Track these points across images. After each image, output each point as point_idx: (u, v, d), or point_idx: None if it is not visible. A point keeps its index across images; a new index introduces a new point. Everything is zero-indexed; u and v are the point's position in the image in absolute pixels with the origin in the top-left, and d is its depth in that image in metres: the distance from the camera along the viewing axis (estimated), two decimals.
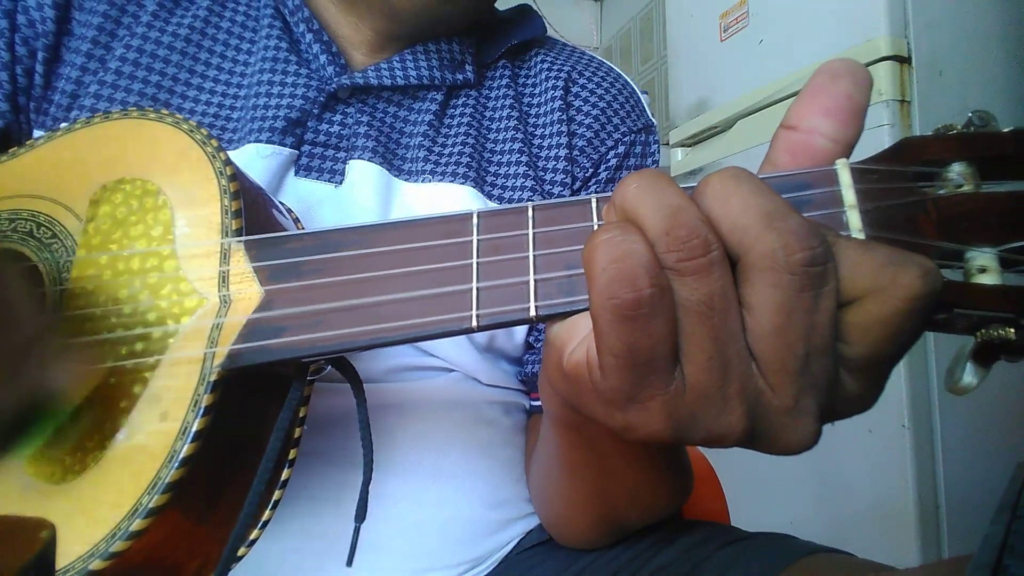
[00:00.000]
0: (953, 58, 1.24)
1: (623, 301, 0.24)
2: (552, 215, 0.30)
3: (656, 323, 0.24)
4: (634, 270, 0.24)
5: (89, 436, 0.32)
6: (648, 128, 0.65)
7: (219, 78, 0.55)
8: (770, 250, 0.23)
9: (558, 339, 0.29)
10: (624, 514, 0.49)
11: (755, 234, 0.24)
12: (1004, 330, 0.24)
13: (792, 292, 0.23)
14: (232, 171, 0.35)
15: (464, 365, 0.56)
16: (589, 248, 0.25)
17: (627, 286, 0.24)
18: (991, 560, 0.25)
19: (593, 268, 0.25)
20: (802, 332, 0.24)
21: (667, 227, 0.24)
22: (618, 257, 0.24)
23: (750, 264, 0.24)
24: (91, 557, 0.30)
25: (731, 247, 0.25)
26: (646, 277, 0.24)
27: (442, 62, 0.58)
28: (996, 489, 1.05)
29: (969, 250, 0.25)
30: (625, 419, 0.27)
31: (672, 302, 0.25)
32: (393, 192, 0.55)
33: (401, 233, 0.31)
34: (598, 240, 0.25)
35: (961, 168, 0.25)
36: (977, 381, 0.25)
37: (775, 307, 0.24)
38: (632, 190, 0.26)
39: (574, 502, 0.50)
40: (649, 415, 0.26)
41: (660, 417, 0.26)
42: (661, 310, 0.24)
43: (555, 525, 0.54)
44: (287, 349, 0.31)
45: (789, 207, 0.24)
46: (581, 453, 0.44)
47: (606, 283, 0.24)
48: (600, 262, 0.24)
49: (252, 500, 0.32)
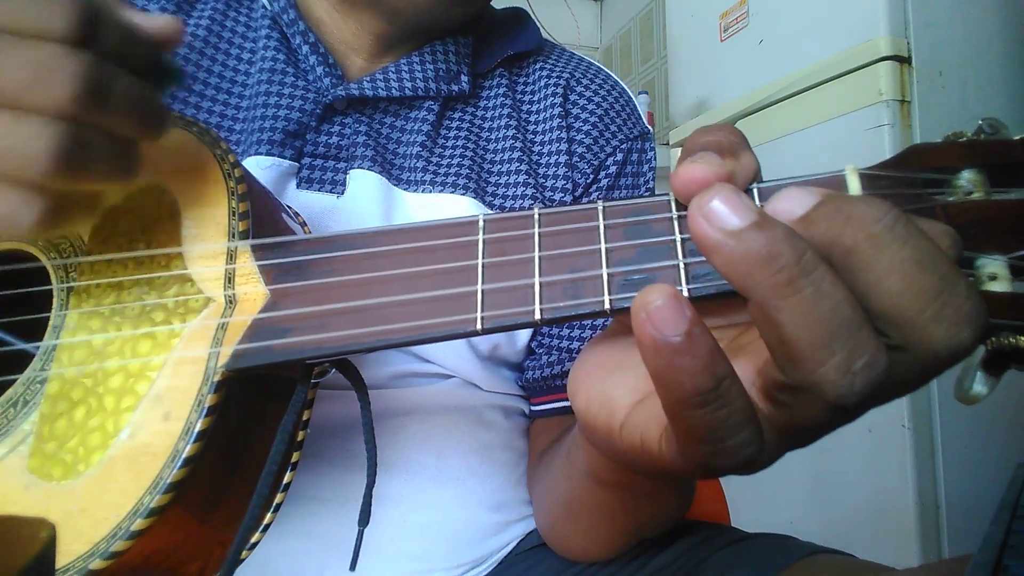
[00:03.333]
0: (953, 58, 1.24)
1: (691, 400, 0.23)
2: (558, 219, 0.30)
3: (730, 403, 0.23)
4: (696, 372, 0.22)
5: (92, 434, 0.32)
6: (644, 135, 0.65)
7: (221, 86, 0.55)
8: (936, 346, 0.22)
9: (598, 420, 0.29)
10: (644, 535, 0.49)
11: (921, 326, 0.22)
12: (1015, 339, 0.23)
13: None
14: (240, 173, 0.35)
15: (464, 373, 0.56)
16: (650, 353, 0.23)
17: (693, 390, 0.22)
18: (991, 560, 0.25)
19: (667, 388, 0.23)
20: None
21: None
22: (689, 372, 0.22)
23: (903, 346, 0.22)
24: (91, 556, 0.30)
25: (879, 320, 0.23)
26: (708, 377, 0.22)
27: (437, 73, 0.58)
28: (996, 489, 1.05)
29: (979, 258, 0.25)
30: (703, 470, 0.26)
31: (737, 379, 0.23)
32: (395, 202, 0.55)
33: (408, 235, 0.31)
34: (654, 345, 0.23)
35: (971, 175, 0.25)
36: (987, 391, 0.25)
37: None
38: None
39: (598, 538, 0.49)
40: (726, 457, 0.24)
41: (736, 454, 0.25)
42: (730, 393, 0.23)
43: (568, 551, 0.53)
44: (292, 350, 0.30)
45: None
46: (625, 503, 0.43)
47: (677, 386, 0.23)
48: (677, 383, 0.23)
49: (256, 504, 0.32)
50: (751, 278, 0.22)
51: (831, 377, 0.21)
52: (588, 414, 0.30)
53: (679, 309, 0.22)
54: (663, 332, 0.22)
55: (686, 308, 0.22)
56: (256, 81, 0.55)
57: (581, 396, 0.31)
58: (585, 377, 0.31)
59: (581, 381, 0.31)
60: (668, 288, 0.22)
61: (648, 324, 0.22)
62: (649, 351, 0.22)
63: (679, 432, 0.24)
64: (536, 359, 0.59)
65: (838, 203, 0.23)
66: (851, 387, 0.21)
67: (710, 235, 0.22)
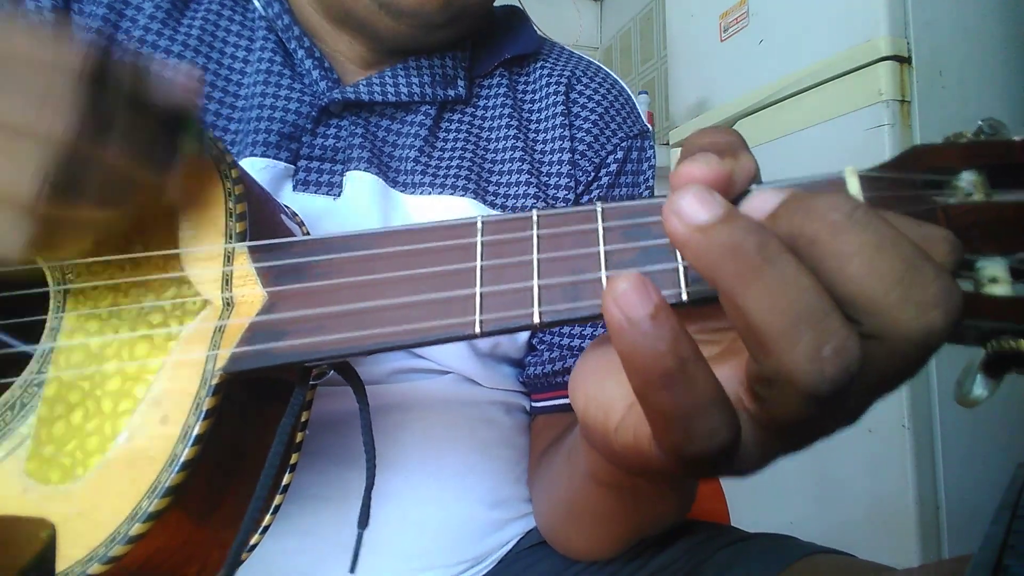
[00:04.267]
0: (953, 58, 1.24)
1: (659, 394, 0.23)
2: (557, 221, 0.29)
3: (694, 386, 0.23)
4: (658, 354, 0.23)
5: (90, 438, 0.32)
6: (644, 134, 0.65)
7: (215, 84, 0.55)
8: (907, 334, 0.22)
9: (595, 421, 0.29)
10: (645, 534, 0.49)
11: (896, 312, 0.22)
12: (1015, 342, 0.23)
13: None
14: (237, 174, 0.35)
15: (465, 370, 0.56)
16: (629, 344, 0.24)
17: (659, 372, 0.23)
18: (991, 560, 0.25)
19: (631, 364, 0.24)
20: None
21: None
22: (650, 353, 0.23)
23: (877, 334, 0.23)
24: (90, 561, 0.30)
25: (849, 308, 0.23)
26: (672, 358, 0.23)
27: (434, 78, 0.58)
28: (996, 489, 1.05)
29: (979, 259, 0.25)
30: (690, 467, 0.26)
31: (704, 365, 0.24)
32: (392, 203, 0.55)
33: (406, 237, 0.31)
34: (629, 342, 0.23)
35: (971, 176, 0.25)
36: (987, 394, 0.25)
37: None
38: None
39: (599, 538, 0.49)
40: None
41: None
42: (693, 375, 0.23)
43: (570, 551, 0.54)
44: (290, 353, 0.30)
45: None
46: (625, 504, 0.43)
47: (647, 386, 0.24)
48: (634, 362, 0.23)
49: (255, 506, 0.32)
50: (719, 269, 0.23)
51: (800, 363, 0.21)
52: (587, 415, 0.30)
53: (645, 292, 0.23)
54: (628, 314, 0.23)
55: (652, 292, 0.23)
56: (252, 82, 0.55)
57: (580, 397, 0.31)
58: (584, 378, 0.31)
59: (580, 382, 0.31)
60: (635, 275, 0.23)
61: (615, 307, 0.23)
62: (616, 333, 0.23)
63: (650, 417, 0.25)
64: (537, 355, 0.59)
65: (802, 198, 0.24)
66: (821, 373, 0.21)
67: (680, 231, 0.23)
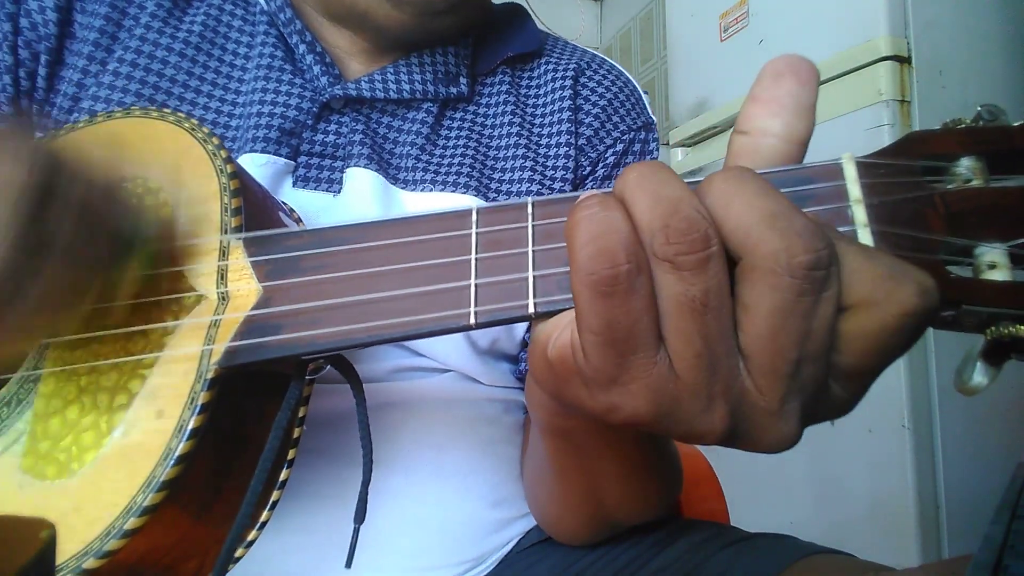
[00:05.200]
0: (953, 58, 1.24)
1: (600, 277, 0.24)
2: (551, 211, 0.29)
3: (635, 301, 0.24)
4: (613, 247, 0.24)
5: (85, 433, 0.32)
6: (648, 126, 0.65)
7: (217, 82, 0.55)
8: (772, 252, 0.23)
9: (543, 334, 0.29)
10: (614, 514, 0.49)
11: (758, 235, 0.23)
12: (1015, 328, 0.23)
13: (792, 295, 0.23)
14: (233, 168, 0.35)
15: (464, 368, 0.56)
16: (570, 223, 0.25)
17: (605, 262, 0.24)
18: (991, 560, 0.25)
19: (573, 244, 0.25)
20: (797, 337, 0.24)
21: (667, 219, 0.24)
22: (597, 234, 0.24)
23: (751, 265, 0.24)
24: (85, 555, 0.29)
25: (733, 247, 0.24)
26: (623, 254, 0.24)
27: (436, 75, 0.58)
28: (996, 489, 1.05)
29: (978, 246, 0.24)
30: (608, 400, 0.26)
31: (650, 280, 0.24)
32: (393, 200, 0.55)
33: (400, 228, 0.31)
34: (579, 216, 0.25)
35: (970, 162, 0.25)
36: (988, 381, 0.25)
37: (772, 309, 0.23)
38: (633, 178, 0.25)
39: (566, 504, 0.50)
40: (631, 397, 0.26)
41: (642, 400, 0.25)
42: (639, 288, 0.24)
43: (550, 525, 0.54)
44: (285, 346, 0.30)
45: (795, 209, 0.24)
46: (570, 458, 0.43)
47: (585, 259, 0.24)
48: (580, 238, 0.24)
49: (249, 501, 0.32)
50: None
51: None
52: (540, 333, 0.30)
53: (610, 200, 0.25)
54: (589, 207, 0.25)
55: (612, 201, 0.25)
56: (253, 78, 0.55)
57: (541, 324, 0.30)
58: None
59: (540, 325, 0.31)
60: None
61: (579, 205, 0.25)
62: (570, 221, 0.25)
63: (583, 326, 0.25)
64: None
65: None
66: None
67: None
